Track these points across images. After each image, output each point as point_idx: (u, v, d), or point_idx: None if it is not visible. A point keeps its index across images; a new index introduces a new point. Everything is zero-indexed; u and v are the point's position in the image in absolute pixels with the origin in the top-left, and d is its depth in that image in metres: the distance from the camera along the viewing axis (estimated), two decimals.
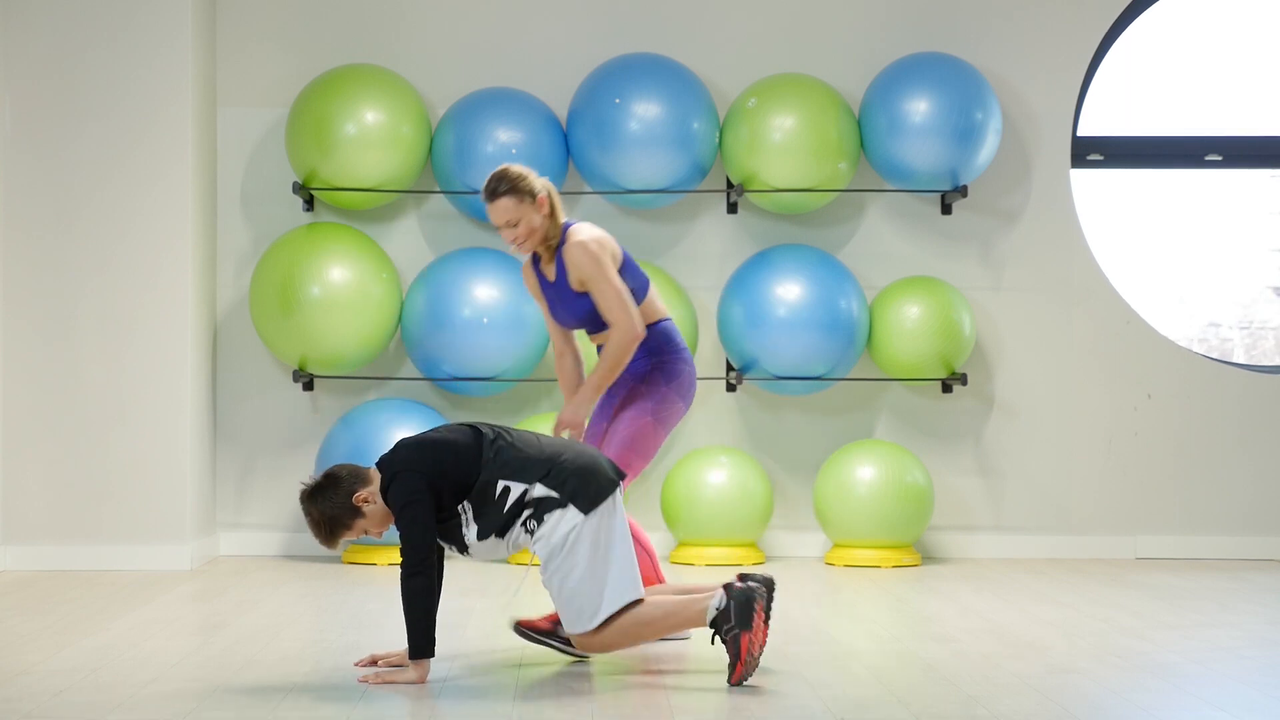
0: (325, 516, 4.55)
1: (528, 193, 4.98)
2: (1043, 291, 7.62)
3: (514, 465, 4.53)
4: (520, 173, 5.02)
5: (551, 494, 4.50)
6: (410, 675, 4.49)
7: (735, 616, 4.47)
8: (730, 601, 4.49)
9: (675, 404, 5.11)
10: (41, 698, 4.26)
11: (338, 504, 4.54)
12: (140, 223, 6.99)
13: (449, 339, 7.07)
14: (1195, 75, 8.25)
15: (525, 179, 5.00)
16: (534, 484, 4.51)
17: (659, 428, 5.08)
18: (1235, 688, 4.49)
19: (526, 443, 4.60)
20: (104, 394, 6.96)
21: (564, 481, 4.51)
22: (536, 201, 4.99)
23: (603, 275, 4.97)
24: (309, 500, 4.57)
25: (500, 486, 4.52)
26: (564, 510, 4.49)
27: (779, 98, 7.21)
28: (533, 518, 4.51)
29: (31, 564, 6.91)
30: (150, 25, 6.99)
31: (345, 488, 4.55)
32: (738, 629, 4.46)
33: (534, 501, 4.50)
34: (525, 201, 4.98)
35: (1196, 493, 7.64)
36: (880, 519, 7.06)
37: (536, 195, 4.99)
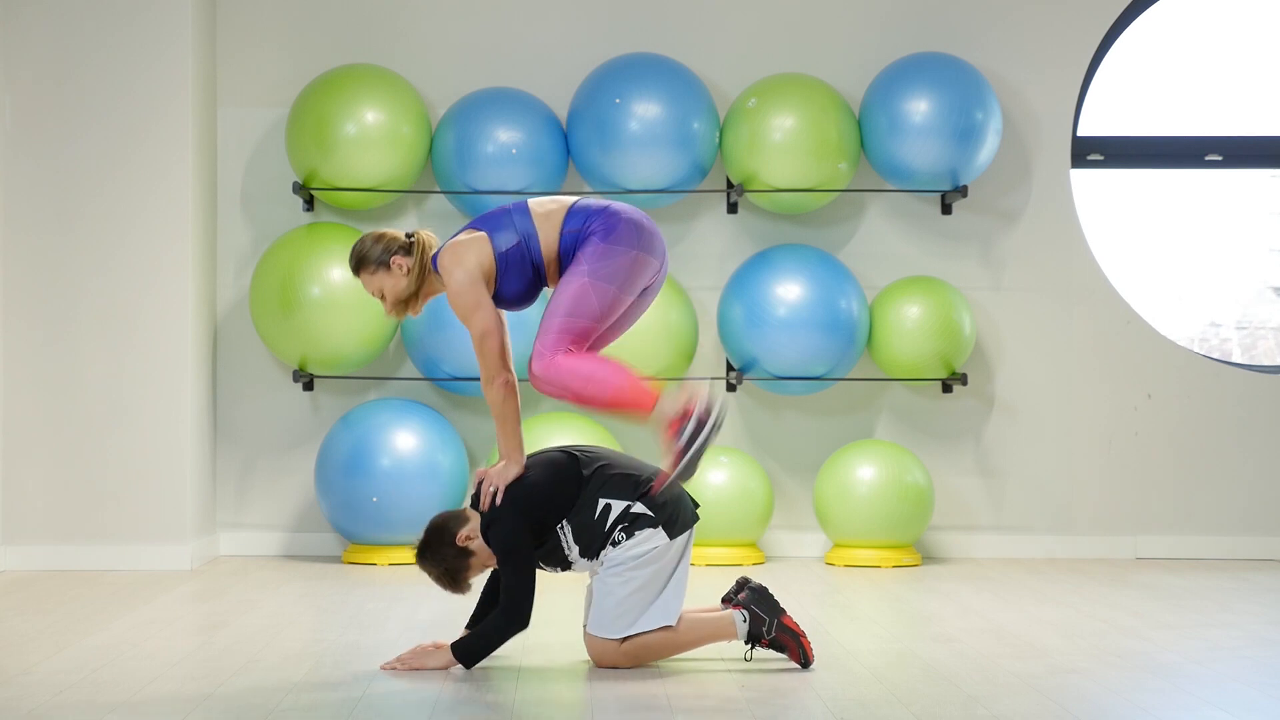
0: (442, 570, 4.67)
1: (375, 260, 4.71)
2: (1043, 291, 7.62)
3: (614, 484, 4.64)
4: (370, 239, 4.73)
5: (648, 513, 4.63)
6: (437, 660, 4.62)
7: (765, 612, 4.68)
8: (750, 608, 4.69)
9: (620, 254, 4.62)
10: (42, 698, 4.26)
11: (448, 555, 4.65)
12: (140, 223, 6.99)
13: (449, 339, 7.07)
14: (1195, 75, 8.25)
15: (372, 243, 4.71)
16: (634, 501, 4.63)
17: (602, 283, 4.60)
18: (1235, 688, 4.49)
19: (624, 461, 4.73)
20: (104, 394, 6.96)
21: (663, 504, 4.64)
22: (392, 264, 4.71)
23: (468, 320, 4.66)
24: (421, 560, 4.70)
25: (601, 505, 4.63)
26: (655, 530, 4.64)
27: (779, 98, 7.21)
28: (623, 531, 4.62)
29: (31, 564, 6.91)
30: (150, 25, 6.99)
31: (449, 534, 4.65)
32: (775, 618, 4.67)
33: (631, 516, 4.63)
34: (379, 271, 4.72)
35: (1196, 493, 7.64)
36: (880, 519, 7.06)
37: (389, 261, 4.71)
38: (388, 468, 6.98)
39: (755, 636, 4.69)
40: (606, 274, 4.62)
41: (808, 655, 4.68)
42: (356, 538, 7.14)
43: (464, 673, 4.63)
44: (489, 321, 4.64)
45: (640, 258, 4.67)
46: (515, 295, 4.74)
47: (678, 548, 4.67)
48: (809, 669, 4.67)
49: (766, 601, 4.70)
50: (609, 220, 4.67)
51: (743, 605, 4.71)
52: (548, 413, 7.32)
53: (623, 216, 4.68)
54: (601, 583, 4.66)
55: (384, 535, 7.06)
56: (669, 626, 4.66)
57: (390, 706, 4.21)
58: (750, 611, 4.69)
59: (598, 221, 4.68)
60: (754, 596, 4.71)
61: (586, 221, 4.69)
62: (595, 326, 4.64)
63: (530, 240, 4.68)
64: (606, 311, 4.64)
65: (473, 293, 4.63)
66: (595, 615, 4.67)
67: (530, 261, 4.70)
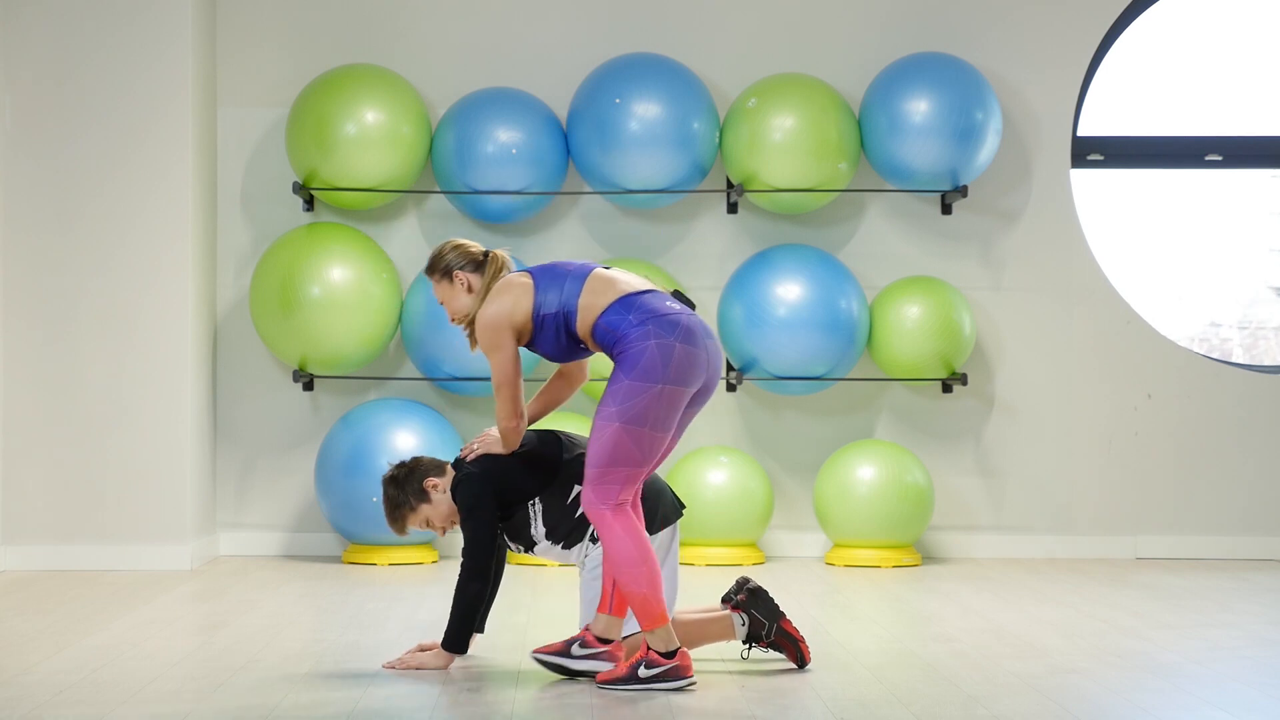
0: (393, 500, 4.75)
1: (442, 270, 4.63)
2: (1043, 291, 7.62)
3: None
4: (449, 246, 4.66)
5: None
6: (438, 662, 4.65)
7: (764, 615, 4.68)
8: (750, 611, 4.69)
9: (649, 390, 4.37)
10: (42, 698, 4.26)
11: (407, 489, 4.73)
12: (140, 223, 6.99)
13: (449, 339, 7.07)
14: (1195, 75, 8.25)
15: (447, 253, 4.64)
16: None
17: (634, 427, 4.37)
18: (1235, 688, 4.49)
19: None
20: (104, 394, 6.96)
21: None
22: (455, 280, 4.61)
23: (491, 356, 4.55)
24: (386, 480, 4.78)
25: (575, 491, 4.64)
26: None
27: (779, 98, 7.21)
28: None
29: (31, 564, 6.91)
30: (150, 25, 6.99)
31: (420, 473, 4.73)
32: (774, 622, 4.68)
33: None
34: (443, 281, 4.63)
35: (1196, 493, 7.64)
36: (880, 519, 7.05)
37: (452, 272, 4.61)
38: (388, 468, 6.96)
39: (754, 638, 4.70)
40: (637, 417, 4.37)
41: (805, 658, 4.68)
42: (356, 538, 7.14)
43: (464, 673, 4.63)
44: (505, 372, 4.51)
45: (669, 391, 4.39)
46: (554, 354, 4.59)
47: (661, 543, 4.67)
48: (804, 669, 4.67)
49: (765, 605, 4.70)
50: (637, 346, 4.39)
51: (742, 608, 4.71)
52: None
53: (651, 345, 4.38)
54: (589, 586, 4.67)
55: (384, 535, 7.05)
56: None
57: (390, 706, 4.21)
58: (750, 615, 4.69)
59: (631, 339, 4.41)
60: (753, 600, 4.71)
61: (621, 328, 4.44)
62: (640, 467, 4.43)
63: (570, 317, 4.49)
64: (648, 452, 4.41)
65: (494, 336, 4.50)
66: (588, 615, 4.67)
67: (566, 332, 4.52)
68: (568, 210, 7.54)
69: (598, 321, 4.46)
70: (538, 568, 6.99)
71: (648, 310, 4.44)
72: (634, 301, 4.46)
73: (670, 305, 4.49)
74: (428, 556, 7.18)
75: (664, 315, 4.44)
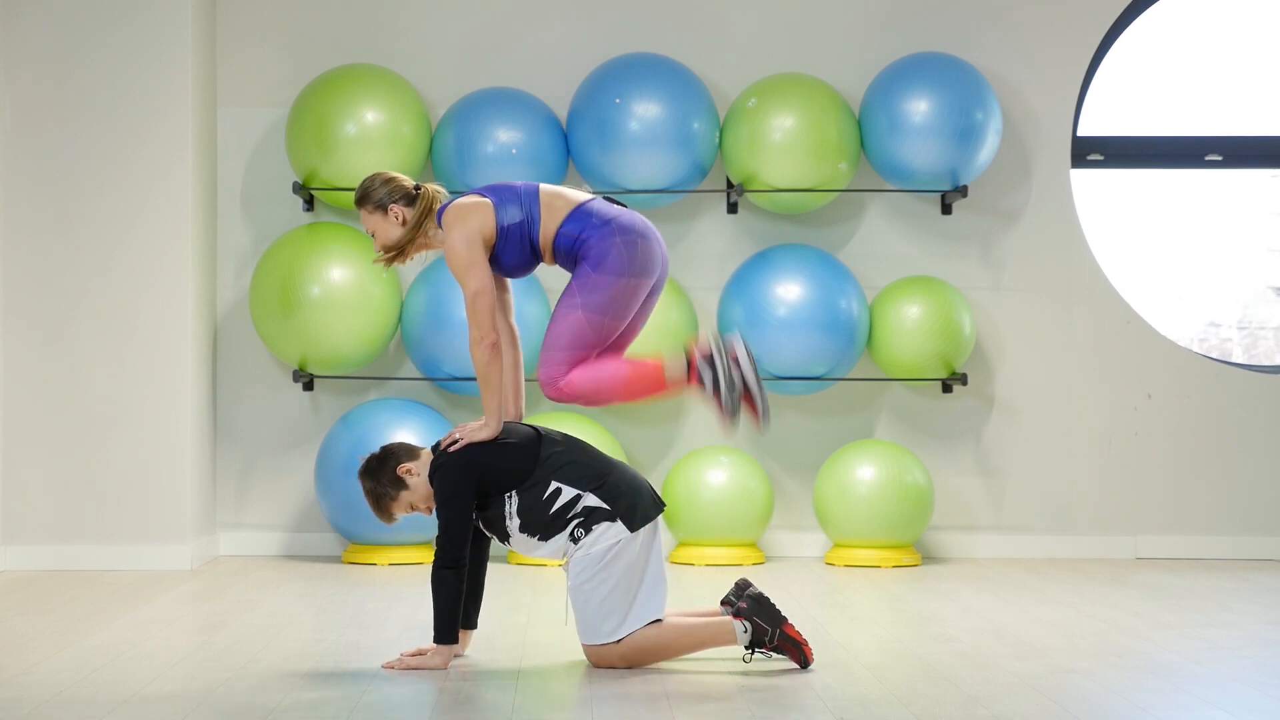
0: (374, 491, 4.75)
1: (375, 202, 4.81)
2: (1043, 291, 7.62)
3: (569, 470, 4.66)
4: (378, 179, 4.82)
5: (603, 505, 4.63)
6: (436, 661, 4.64)
7: (767, 622, 4.67)
8: (751, 619, 4.68)
9: (610, 285, 4.73)
10: (41, 698, 4.26)
11: (383, 477, 4.73)
12: (140, 223, 6.99)
13: (449, 339, 7.07)
14: (1195, 75, 8.25)
15: (380, 185, 4.81)
16: (586, 492, 4.64)
17: (595, 314, 4.72)
18: (1235, 688, 4.49)
19: (583, 451, 4.74)
20: (104, 394, 6.96)
21: (618, 496, 4.65)
22: (389, 213, 4.81)
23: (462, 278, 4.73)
24: (362, 474, 4.78)
25: (552, 487, 4.64)
26: (613, 523, 4.63)
27: (779, 98, 7.21)
28: (580, 526, 4.63)
29: (31, 564, 6.91)
30: (150, 25, 6.99)
31: (393, 461, 4.73)
32: (777, 628, 4.66)
33: (585, 510, 4.63)
34: (375, 212, 4.82)
35: (1196, 493, 7.64)
36: (880, 519, 7.06)
37: (388, 206, 4.80)
38: None
39: (757, 644, 4.69)
40: (599, 306, 4.72)
41: (808, 659, 4.68)
42: (356, 538, 7.14)
43: (463, 673, 4.63)
44: (482, 281, 4.70)
45: (631, 284, 4.76)
46: (512, 266, 4.84)
47: (643, 540, 4.66)
48: (807, 669, 4.67)
49: (767, 611, 4.69)
50: (602, 244, 4.73)
51: (744, 616, 4.69)
52: (548, 412, 7.33)
53: (615, 241, 4.73)
54: (576, 591, 4.66)
55: (384, 535, 7.06)
56: (658, 621, 4.66)
57: (390, 706, 4.21)
58: (752, 623, 4.68)
59: (594, 239, 4.74)
60: (755, 606, 4.69)
61: (584, 231, 4.76)
62: (591, 351, 4.77)
63: (533, 225, 4.77)
64: (604, 338, 4.76)
65: (469, 252, 4.70)
66: (582, 624, 4.67)
67: (529, 242, 4.78)
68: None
69: (560, 229, 4.77)
70: (537, 568, 6.99)
71: (606, 214, 4.78)
72: (589, 208, 4.79)
73: (619, 208, 4.83)
74: (428, 557, 7.18)
75: (620, 217, 4.79)
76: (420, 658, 4.66)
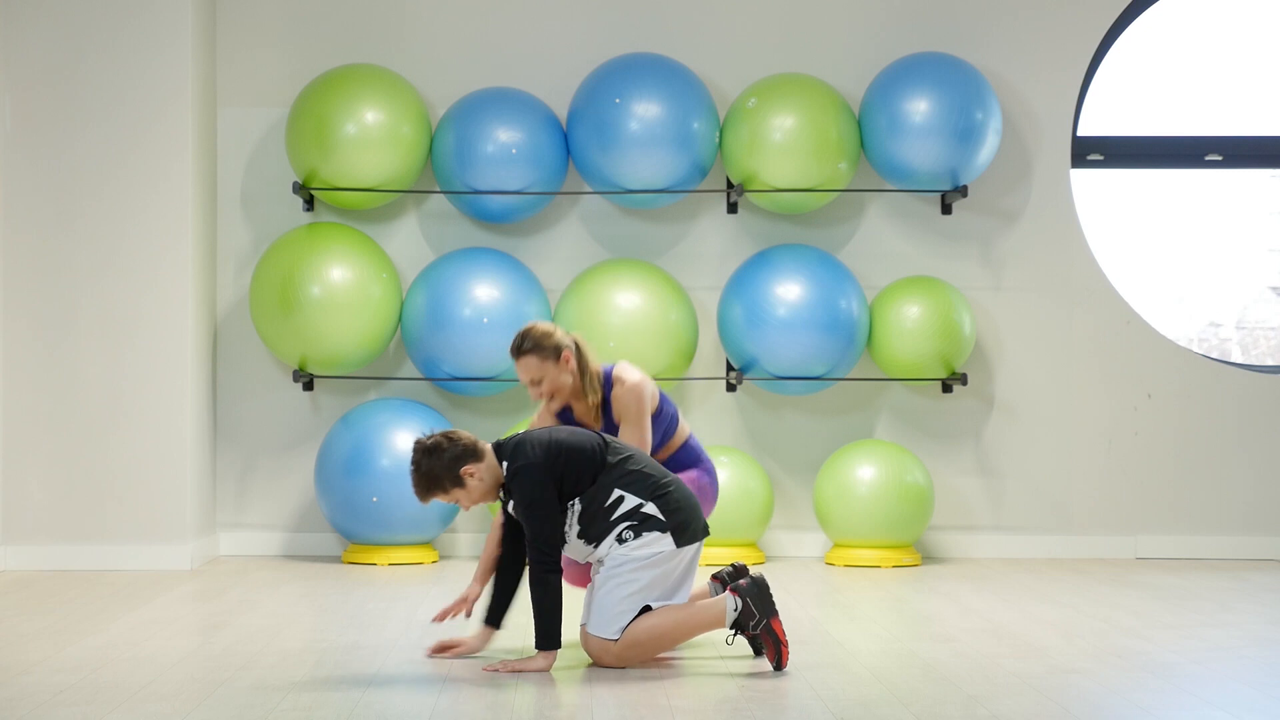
0: (428, 473, 4.67)
1: (551, 350, 5.03)
2: (1043, 291, 7.62)
3: (632, 478, 4.69)
4: (545, 330, 5.06)
5: (659, 516, 4.67)
6: (539, 664, 4.64)
7: (758, 608, 4.65)
8: (745, 599, 4.67)
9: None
10: (41, 698, 4.26)
11: (444, 467, 4.65)
12: (140, 223, 6.99)
13: (449, 339, 7.07)
14: (1195, 75, 8.25)
15: (550, 336, 5.04)
16: (648, 501, 4.68)
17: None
18: (1235, 688, 4.49)
19: (646, 461, 4.78)
20: (104, 394, 6.96)
21: (675, 510, 4.69)
22: (561, 359, 5.03)
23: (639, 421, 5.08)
24: (422, 453, 4.68)
25: (615, 494, 4.67)
26: (663, 535, 4.67)
27: (779, 98, 7.21)
28: (631, 530, 4.66)
29: (31, 564, 6.91)
30: (150, 25, 6.99)
31: (458, 455, 4.65)
32: (766, 618, 4.65)
33: (642, 516, 4.66)
34: (549, 360, 5.03)
35: (1196, 493, 7.64)
36: (880, 519, 7.06)
37: (561, 352, 5.03)
38: (388, 468, 6.98)
39: (740, 626, 4.67)
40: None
41: (782, 662, 4.64)
42: (356, 538, 7.14)
43: (462, 674, 4.63)
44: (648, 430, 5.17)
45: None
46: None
47: (684, 559, 4.70)
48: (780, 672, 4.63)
49: (763, 599, 4.68)
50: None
51: (739, 593, 4.69)
52: None
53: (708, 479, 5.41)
54: (605, 581, 4.67)
55: (384, 535, 7.06)
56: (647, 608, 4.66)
57: (390, 706, 4.21)
58: (744, 603, 4.67)
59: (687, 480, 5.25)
60: (753, 589, 4.69)
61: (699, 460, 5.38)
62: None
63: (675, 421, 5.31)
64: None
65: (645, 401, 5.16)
66: (595, 614, 4.69)
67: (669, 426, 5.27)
68: (568, 210, 7.54)
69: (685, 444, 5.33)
70: None
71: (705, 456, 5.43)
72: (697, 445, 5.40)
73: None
74: (427, 557, 7.18)
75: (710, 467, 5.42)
76: (525, 661, 4.66)
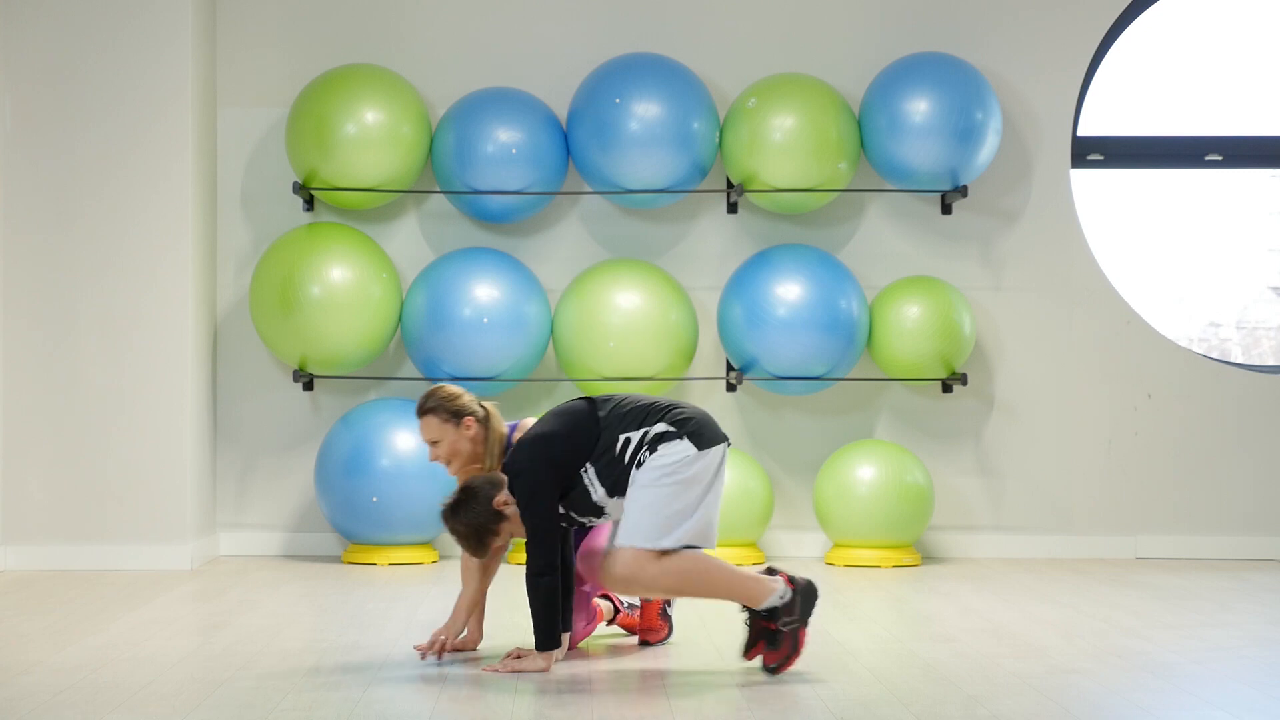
0: (472, 527, 4.66)
1: (452, 413, 4.85)
2: (1043, 291, 7.62)
3: (631, 416, 4.60)
4: (453, 393, 4.90)
5: (669, 429, 4.54)
6: (538, 664, 4.62)
7: (800, 610, 4.60)
8: (796, 595, 4.59)
9: None
10: (41, 698, 4.26)
11: (480, 513, 4.65)
12: (140, 223, 6.99)
13: (449, 339, 7.07)
14: (1195, 75, 8.25)
15: (455, 399, 4.87)
16: (652, 426, 4.56)
17: None
18: (1235, 688, 4.49)
19: (638, 398, 4.68)
20: (104, 394, 6.96)
21: (685, 421, 4.57)
22: (462, 424, 4.85)
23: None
24: (452, 517, 4.68)
25: (621, 440, 4.57)
26: (680, 441, 4.53)
27: (779, 98, 7.21)
28: (647, 449, 4.54)
29: (31, 564, 6.91)
30: (150, 26, 6.99)
31: (484, 495, 4.66)
32: (800, 622, 4.60)
33: (652, 437, 4.54)
34: (449, 422, 4.85)
35: (1196, 493, 7.64)
36: (880, 519, 7.06)
37: (463, 417, 4.85)
38: (388, 468, 6.98)
39: (774, 614, 4.58)
40: None
41: (782, 667, 4.58)
42: (356, 538, 7.14)
43: (462, 674, 4.63)
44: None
45: None
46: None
47: (709, 463, 4.54)
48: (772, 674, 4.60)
49: (809, 604, 4.62)
50: None
51: (795, 587, 4.60)
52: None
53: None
54: (632, 494, 4.52)
55: (384, 535, 7.06)
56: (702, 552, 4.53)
57: (390, 706, 4.21)
58: (794, 598, 4.58)
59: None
60: (806, 590, 4.62)
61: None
62: None
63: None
64: None
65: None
66: (624, 526, 4.53)
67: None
68: (568, 210, 7.54)
69: None
70: None
71: None
72: None
73: None
74: (427, 557, 7.19)
75: None
76: (521, 661, 4.63)
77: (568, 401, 4.76)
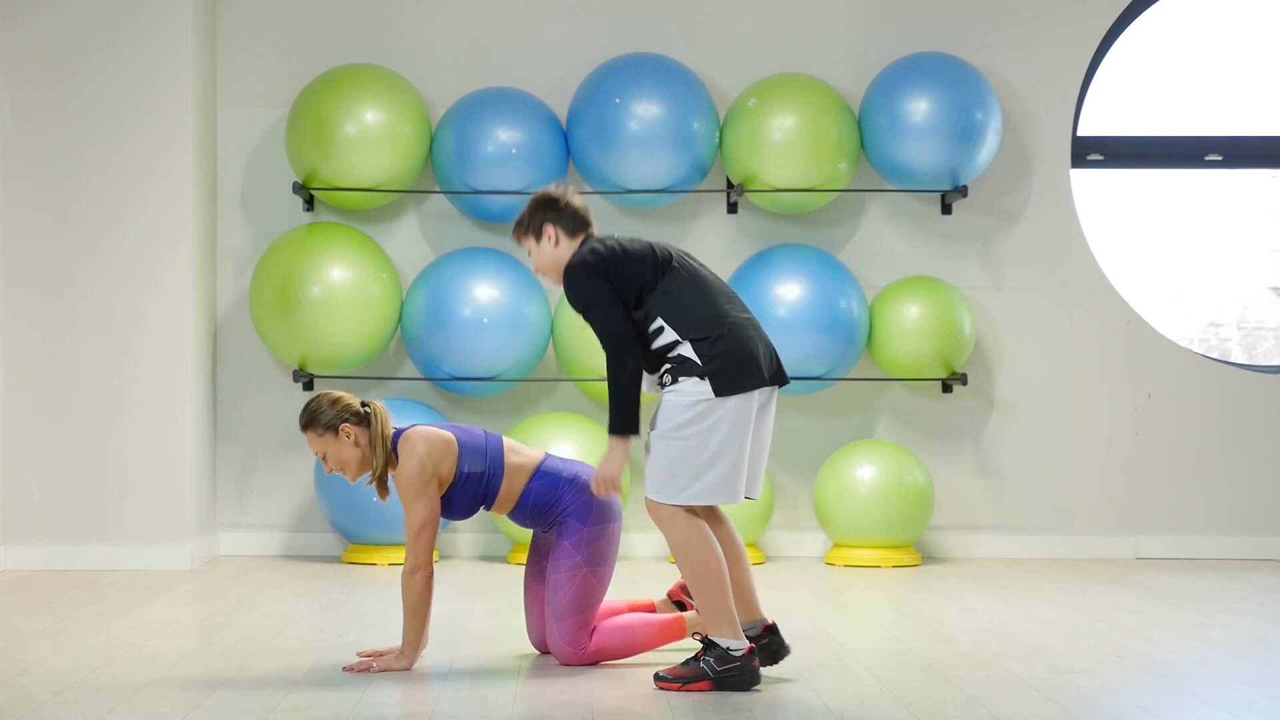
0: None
1: (325, 425, 4.70)
2: (1043, 291, 7.62)
3: (678, 312, 4.42)
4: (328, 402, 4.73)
5: (695, 360, 4.38)
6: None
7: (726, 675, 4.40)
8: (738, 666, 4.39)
9: (603, 533, 4.79)
10: (41, 698, 4.26)
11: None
12: (140, 223, 6.99)
13: (449, 339, 7.07)
14: (1195, 75, 8.25)
15: (324, 413, 4.71)
16: (685, 341, 4.40)
17: (599, 568, 4.77)
18: (1235, 688, 4.49)
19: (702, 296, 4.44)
20: (104, 394, 6.96)
21: (714, 357, 4.37)
22: (340, 433, 4.71)
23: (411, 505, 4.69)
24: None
25: (657, 323, 4.42)
26: (700, 381, 4.36)
27: (779, 98, 7.21)
28: (670, 374, 4.42)
29: (31, 564, 6.91)
30: (150, 26, 6.99)
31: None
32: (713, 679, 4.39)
33: (679, 359, 4.40)
34: (327, 435, 4.72)
35: (1196, 493, 7.64)
36: (880, 519, 7.06)
37: (339, 428, 4.70)
38: None
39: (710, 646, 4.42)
40: (599, 557, 4.77)
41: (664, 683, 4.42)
42: (356, 538, 7.15)
43: (464, 669, 4.63)
44: (429, 513, 4.69)
45: (617, 527, 4.83)
46: (458, 510, 4.83)
47: (729, 411, 4.35)
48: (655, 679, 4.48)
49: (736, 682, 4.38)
50: (582, 498, 4.77)
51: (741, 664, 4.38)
52: (547, 413, 7.33)
53: (591, 490, 4.71)
54: (657, 440, 4.43)
55: (384, 535, 7.06)
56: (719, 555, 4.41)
57: (390, 707, 4.21)
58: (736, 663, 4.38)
59: (570, 496, 4.78)
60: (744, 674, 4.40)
61: (558, 488, 4.80)
62: (600, 604, 4.83)
63: (494, 480, 4.79)
64: (605, 587, 4.81)
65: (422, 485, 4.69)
66: (650, 477, 4.46)
67: (483, 492, 4.81)
68: None
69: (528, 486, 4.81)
70: None
71: (569, 471, 4.83)
72: (554, 467, 4.84)
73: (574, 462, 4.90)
74: None
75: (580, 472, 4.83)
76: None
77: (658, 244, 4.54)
